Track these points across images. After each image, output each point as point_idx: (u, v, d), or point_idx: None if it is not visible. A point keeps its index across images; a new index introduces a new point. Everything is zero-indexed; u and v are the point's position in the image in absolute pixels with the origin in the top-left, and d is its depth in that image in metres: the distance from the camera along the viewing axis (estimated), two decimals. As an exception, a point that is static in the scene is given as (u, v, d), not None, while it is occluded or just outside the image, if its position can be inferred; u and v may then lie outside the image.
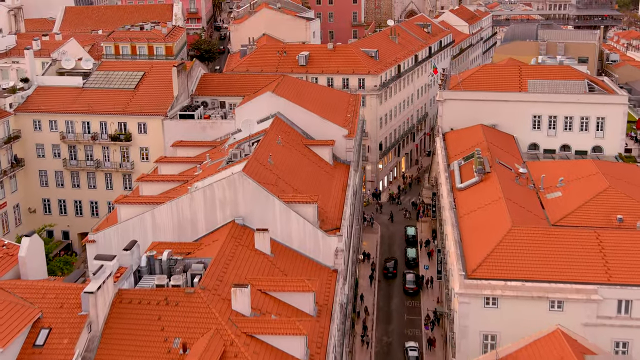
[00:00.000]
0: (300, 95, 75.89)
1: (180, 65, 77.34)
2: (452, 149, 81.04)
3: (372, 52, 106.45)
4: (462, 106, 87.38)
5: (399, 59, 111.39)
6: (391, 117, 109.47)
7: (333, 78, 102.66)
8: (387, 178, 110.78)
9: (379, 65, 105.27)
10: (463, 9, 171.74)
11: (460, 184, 68.30)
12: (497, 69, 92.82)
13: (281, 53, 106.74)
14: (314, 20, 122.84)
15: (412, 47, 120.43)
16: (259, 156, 58.69)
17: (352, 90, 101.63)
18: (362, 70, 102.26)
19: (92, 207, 79.01)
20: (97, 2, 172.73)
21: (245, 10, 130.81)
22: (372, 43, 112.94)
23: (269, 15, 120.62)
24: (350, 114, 78.07)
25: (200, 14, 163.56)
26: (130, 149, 76.72)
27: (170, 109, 75.52)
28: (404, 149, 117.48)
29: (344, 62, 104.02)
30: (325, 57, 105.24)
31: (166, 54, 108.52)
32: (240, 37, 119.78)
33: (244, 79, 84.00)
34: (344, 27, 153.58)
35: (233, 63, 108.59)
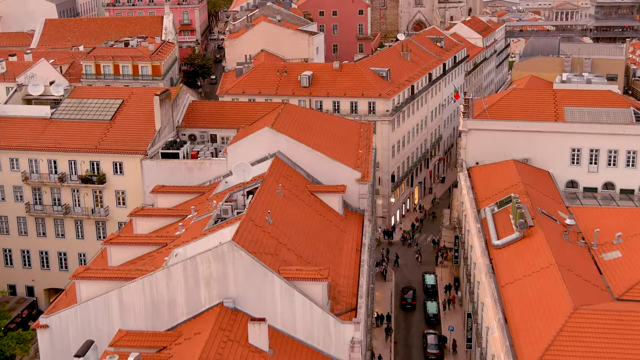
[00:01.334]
0: (303, 129, 64.70)
1: (163, 94, 65.93)
2: (481, 189, 69.63)
3: (383, 72, 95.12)
4: (490, 137, 76.09)
5: (413, 79, 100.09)
6: (404, 143, 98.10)
7: (340, 102, 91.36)
8: (399, 212, 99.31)
9: (391, 86, 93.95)
10: (475, 20, 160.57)
11: (497, 241, 56.80)
12: (529, 94, 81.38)
13: (281, 73, 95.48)
14: (317, 35, 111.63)
15: (426, 64, 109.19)
16: (254, 214, 47.34)
17: (361, 116, 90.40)
18: (373, 92, 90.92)
19: (60, 259, 67.60)
20: (84, 13, 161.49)
21: (241, 24, 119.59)
22: (382, 61, 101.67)
23: (268, 29, 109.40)
24: (363, 149, 66.71)
25: (194, 26, 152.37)
26: (104, 193, 65.30)
27: (151, 145, 64.10)
28: (417, 178, 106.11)
29: (352, 83, 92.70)
30: (330, 78, 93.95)
31: (153, 74, 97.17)
32: (236, 53, 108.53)
33: (238, 107, 72.64)
34: (349, 41, 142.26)
35: (227, 83, 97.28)
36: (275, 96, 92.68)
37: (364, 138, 70.71)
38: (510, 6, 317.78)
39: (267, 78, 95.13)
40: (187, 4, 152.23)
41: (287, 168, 59.23)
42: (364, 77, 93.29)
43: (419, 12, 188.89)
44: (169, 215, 54.27)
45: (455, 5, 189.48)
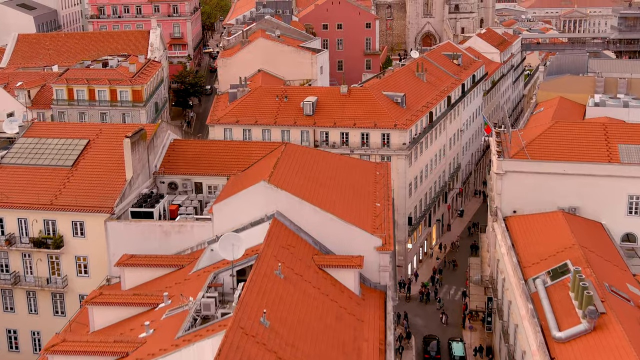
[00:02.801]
0: (308, 179, 52.44)
1: (137, 135, 53.41)
2: (525, 249, 57.03)
3: (398, 97, 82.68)
4: (530, 181, 63.58)
5: (431, 104, 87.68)
6: (422, 179, 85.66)
7: (348, 133, 78.94)
8: (416, 257, 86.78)
9: (407, 114, 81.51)
10: (491, 32, 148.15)
11: (558, 332, 44.15)
12: (575, 128, 68.75)
13: (281, 98, 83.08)
14: (321, 53, 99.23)
15: (443, 86, 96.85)
16: (245, 317, 34.91)
17: (374, 149, 78.12)
18: (387, 122, 78.50)
19: (9, 338, 54.98)
20: (67, 26, 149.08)
21: (236, 39, 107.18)
22: (395, 83, 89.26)
23: (266, 46, 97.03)
24: (381, 201, 54.32)
25: (186, 39, 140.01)
26: (61, 259, 52.70)
27: (120, 200, 51.55)
28: (435, 215, 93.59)
29: (362, 111, 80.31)
30: (337, 105, 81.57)
31: (133, 99, 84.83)
32: (230, 73, 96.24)
33: (229, 148, 60.02)
34: (356, 56, 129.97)
35: (219, 110, 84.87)
36: (274, 126, 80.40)
37: (381, 185, 58.28)
38: (519, 15, 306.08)
39: (265, 104, 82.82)
40: (179, 15, 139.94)
41: (288, 234, 46.79)
42: (376, 104, 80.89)
43: (428, 23, 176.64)
44: (134, 303, 41.69)
45: (466, 16, 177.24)
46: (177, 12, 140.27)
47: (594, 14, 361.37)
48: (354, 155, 79.01)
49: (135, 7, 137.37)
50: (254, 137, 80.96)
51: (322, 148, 79.36)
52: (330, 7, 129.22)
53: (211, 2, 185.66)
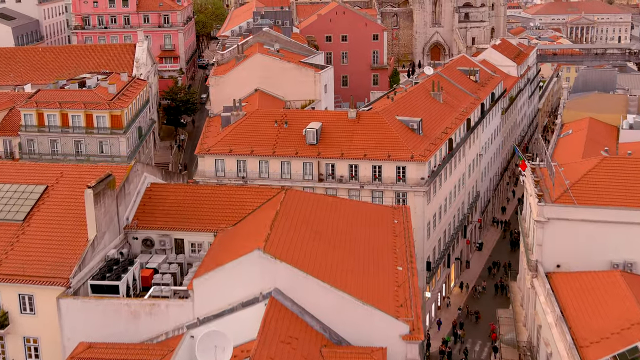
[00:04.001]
0: (313, 238, 42.33)
1: (102, 183, 43.06)
2: (578, 321, 46.56)
3: (414, 123, 72.42)
4: (577, 231, 53.19)
5: (450, 129, 77.40)
6: (441, 215, 75.41)
7: (358, 165, 68.66)
8: (434, 305, 76.39)
9: (425, 142, 71.25)
10: (506, 43, 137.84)
11: None
12: (628, 164, 58.27)
13: (280, 124, 72.86)
14: (325, 70, 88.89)
15: (462, 106, 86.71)
16: None
17: (387, 184, 67.95)
18: (402, 153, 68.19)
19: None
20: (50, 37, 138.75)
21: (231, 54, 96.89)
22: (409, 105, 79.04)
23: (264, 63, 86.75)
24: (403, 263, 44.18)
25: (178, 52, 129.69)
26: (7, 340, 42.29)
27: (79, 267, 41.20)
28: (454, 253, 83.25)
29: (374, 139, 70.05)
30: (345, 132, 71.34)
31: (112, 126, 74.53)
32: (223, 93, 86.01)
33: (217, 194, 49.43)
34: (362, 71, 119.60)
35: (210, 137, 74.70)
36: (272, 157, 70.18)
37: (401, 238, 47.98)
38: (527, 22, 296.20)
39: (262, 131, 72.64)
40: (170, 26, 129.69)
41: (289, 320, 36.51)
42: (390, 131, 70.60)
43: (437, 33, 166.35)
44: None
45: (477, 25, 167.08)
46: (168, 23, 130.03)
47: (602, 20, 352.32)
48: (364, 191, 68.95)
49: (122, 17, 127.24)
50: (250, 170, 70.81)
51: (328, 183, 69.28)
52: (334, 18, 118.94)
53: (206, 10, 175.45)
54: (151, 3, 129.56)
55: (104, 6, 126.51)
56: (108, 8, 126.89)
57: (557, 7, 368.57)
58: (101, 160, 74.53)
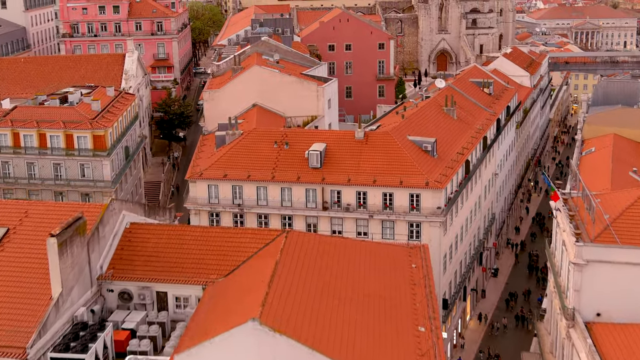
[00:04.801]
0: (319, 292, 35.47)
1: (68, 230, 36.19)
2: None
3: (428, 144, 65.56)
4: (620, 274, 46.35)
5: (467, 150, 70.49)
6: (457, 246, 68.50)
7: (367, 193, 61.79)
8: (450, 345, 69.37)
9: (440, 166, 64.36)
10: (517, 52, 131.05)
11: None
12: (676, 198, 51.33)
13: (280, 145, 66.04)
14: (329, 83, 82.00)
15: (477, 123, 79.96)
16: None
17: (399, 213, 61.08)
18: (416, 179, 61.25)
19: None
20: (38, 44, 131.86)
21: (228, 65, 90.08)
22: (421, 123, 72.21)
23: (262, 76, 79.89)
24: (425, 320, 37.37)
25: (172, 61, 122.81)
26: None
27: (39, 334, 34.26)
28: (470, 284, 76.32)
29: (384, 163, 63.15)
30: (352, 154, 64.46)
31: (94, 147, 67.66)
32: (219, 108, 79.24)
33: (205, 237, 42.46)
34: (367, 82, 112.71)
35: (203, 159, 67.91)
36: (271, 183, 63.31)
37: (420, 287, 41.06)
38: (532, 27, 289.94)
39: (260, 152, 65.82)
40: (163, 34, 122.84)
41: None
42: (402, 154, 63.66)
43: (443, 40, 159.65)
44: None
45: (485, 32, 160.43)
46: (161, 30, 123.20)
47: (607, 25, 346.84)
48: (374, 221, 62.06)
49: (113, 24, 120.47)
50: (246, 196, 63.96)
51: (333, 212, 62.45)
52: (337, 25, 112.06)
53: (203, 16, 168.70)
54: (144, 10, 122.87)
55: (93, 13, 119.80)
56: (98, 15, 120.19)
57: (561, 11, 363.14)
58: (82, 185, 67.82)
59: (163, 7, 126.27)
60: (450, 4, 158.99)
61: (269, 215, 63.96)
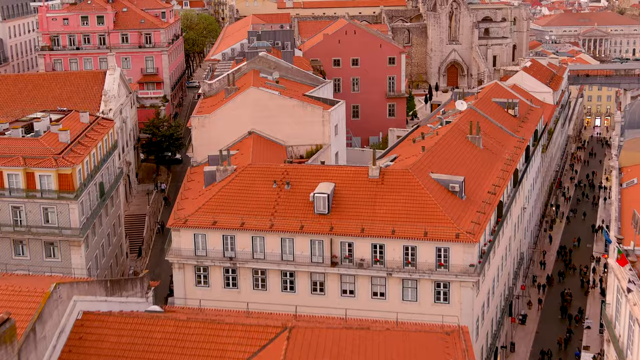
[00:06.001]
0: None
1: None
2: None
3: (455, 184, 55.17)
4: None
5: (499, 188, 60.07)
6: (489, 303, 58.04)
7: (384, 246, 51.33)
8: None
9: (470, 210, 53.99)
10: (537, 65, 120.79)
11: None
12: None
13: (280, 184, 55.77)
14: (336, 107, 71.56)
15: (506, 152, 69.74)
16: None
17: (423, 271, 50.69)
18: (444, 229, 50.85)
19: None
20: (16, 58, 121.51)
21: (221, 84, 79.72)
22: (445, 156, 61.93)
23: (259, 99, 69.45)
24: None
25: (161, 76, 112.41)
26: None
27: None
28: (499, 340, 65.78)
29: (405, 207, 52.80)
30: (365, 196, 54.15)
31: (59, 188, 57.16)
32: (209, 137, 68.96)
33: (184, 332, 32.07)
34: (376, 100, 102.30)
35: (189, 201, 57.61)
36: (269, 233, 52.98)
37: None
38: (540, 35, 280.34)
39: (257, 194, 55.56)
40: (152, 46, 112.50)
41: None
42: (425, 196, 53.26)
43: (454, 51, 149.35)
44: None
45: (499, 42, 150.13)
46: (150, 43, 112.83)
47: (615, 32, 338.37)
48: (393, 279, 51.68)
49: (97, 36, 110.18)
50: (240, 248, 53.64)
51: (344, 268, 52.13)
52: (343, 38, 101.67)
53: (197, 26, 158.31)
54: (131, 20, 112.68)
55: (75, 24, 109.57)
56: (80, 26, 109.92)
57: (568, 18, 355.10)
58: (46, 233, 57.40)
59: (152, 17, 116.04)
60: (461, 12, 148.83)
61: (266, 271, 53.63)
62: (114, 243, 69.20)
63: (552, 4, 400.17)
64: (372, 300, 52.23)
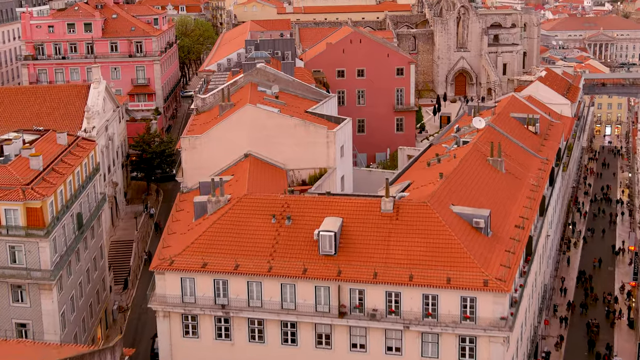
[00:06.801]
0: None
1: None
2: None
3: (480, 219, 48.21)
4: None
5: (528, 221, 53.07)
6: (517, 354, 50.95)
7: (400, 294, 44.32)
8: None
9: (497, 249, 47.13)
10: (552, 74, 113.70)
11: None
12: None
13: (280, 219, 48.92)
14: (342, 125, 64.54)
15: (529, 175, 62.86)
16: None
17: (445, 324, 43.80)
18: (470, 274, 44.02)
19: None
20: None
21: (215, 99, 72.79)
22: (465, 184, 55.05)
23: (257, 117, 62.45)
24: None
25: (153, 87, 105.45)
26: None
27: None
28: (525, 388, 58.72)
29: (424, 248, 45.97)
30: (378, 234, 47.35)
31: (28, 224, 50.10)
32: (200, 160, 62.15)
33: None
34: (383, 114, 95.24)
35: (175, 238, 50.65)
36: (267, 278, 46.21)
37: None
38: (546, 40, 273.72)
39: (254, 230, 48.79)
40: (143, 55, 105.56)
41: None
42: (447, 235, 46.34)
43: (462, 59, 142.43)
44: None
45: (509, 50, 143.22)
46: (141, 52, 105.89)
47: (621, 37, 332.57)
48: (410, 333, 44.73)
49: (85, 44, 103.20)
50: (233, 295, 46.88)
51: (354, 319, 45.26)
52: (347, 47, 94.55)
53: (192, 33, 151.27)
54: (120, 27, 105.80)
55: (61, 31, 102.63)
56: (67, 34, 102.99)
57: (572, 22, 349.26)
58: (13, 275, 50.35)
59: (144, 24, 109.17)
60: (469, 18, 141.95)
61: (264, 321, 46.74)
62: (95, 279, 62.14)
63: (556, 8, 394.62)
64: (386, 356, 45.41)
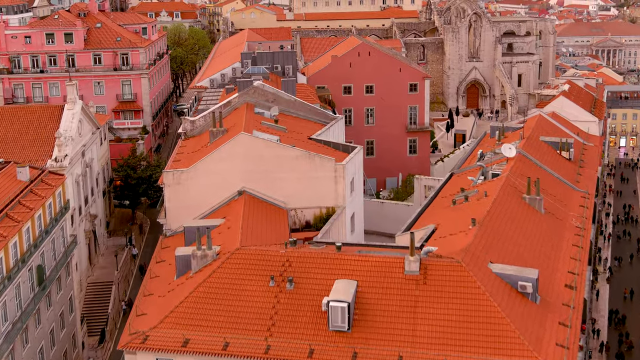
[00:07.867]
0: None
1: None
2: None
3: (526, 282, 38.91)
4: None
5: (579, 277, 43.81)
6: None
7: (433, 385, 34.90)
8: None
9: (550, 321, 38.04)
10: (575, 88, 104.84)
11: None
12: None
13: (280, 282, 39.73)
14: (352, 155, 55.33)
15: (571, 214, 53.62)
16: None
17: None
18: (517, 352, 34.51)
19: None
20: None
21: (206, 122, 63.65)
22: (502, 231, 45.77)
23: (253, 147, 53.24)
24: None
25: (140, 103, 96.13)
26: None
27: None
28: None
29: (458, 321, 36.67)
30: (401, 302, 38.16)
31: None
32: (187, 197, 52.85)
33: None
34: (394, 135, 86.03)
35: (152, 300, 41.55)
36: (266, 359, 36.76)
37: None
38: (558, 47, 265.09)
39: (247, 296, 39.71)
40: (130, 68, 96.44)
41: None
42: (487, 304, 37.09)
43: (475, 69, 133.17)
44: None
45: (525, 59, 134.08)
46: (127, 64, 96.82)
47: (630, 43, 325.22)
48: None
49: (65, 57, 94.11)
50: (222, 381, 37.32)
51: (373, 417, 35.70)
52: (355, 61, 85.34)
53: (186, 42, 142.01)
54: (105, 38, 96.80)
55: (39, 42, 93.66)
56: (45, 45, 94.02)
57: (579, 27, 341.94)
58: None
59: (131, 34, 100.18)
60: (482, 26, 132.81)
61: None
62: (62, 338, 52.87)
63: (561, 13, 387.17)
64: None
